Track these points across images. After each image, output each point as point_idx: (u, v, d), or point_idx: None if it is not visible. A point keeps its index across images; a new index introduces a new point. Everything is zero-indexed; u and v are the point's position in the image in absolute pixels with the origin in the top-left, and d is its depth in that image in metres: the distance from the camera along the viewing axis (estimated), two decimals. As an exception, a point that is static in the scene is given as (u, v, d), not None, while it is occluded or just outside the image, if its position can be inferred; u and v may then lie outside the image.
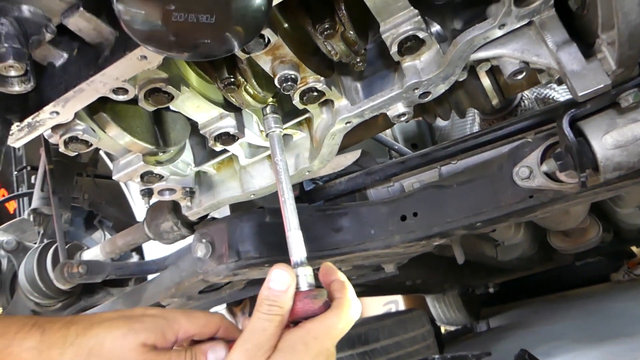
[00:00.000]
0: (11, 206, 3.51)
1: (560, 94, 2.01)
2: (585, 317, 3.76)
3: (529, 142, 1.24)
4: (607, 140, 0.96)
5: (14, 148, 4.43)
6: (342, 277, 0.86)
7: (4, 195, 3.71)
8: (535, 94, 2.01)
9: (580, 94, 0.86)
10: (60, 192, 1.93)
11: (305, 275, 0.83)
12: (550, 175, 1.16)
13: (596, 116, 0.97)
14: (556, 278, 5.19)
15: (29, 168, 4.26)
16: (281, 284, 0.76)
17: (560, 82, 1.03)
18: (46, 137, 1.03)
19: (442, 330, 4.44)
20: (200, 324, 0.82)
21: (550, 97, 1.99)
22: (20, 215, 2.83)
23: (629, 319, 3.26)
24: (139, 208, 2.85)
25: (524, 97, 1.93)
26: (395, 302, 4.70)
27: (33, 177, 3.26)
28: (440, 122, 2.38)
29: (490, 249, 2.74)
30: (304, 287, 0.82)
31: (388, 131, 2.34)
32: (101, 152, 2.41)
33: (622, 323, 3.19)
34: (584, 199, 1.27)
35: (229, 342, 0.81)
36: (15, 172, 4.36)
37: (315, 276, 0.87)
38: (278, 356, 0.74)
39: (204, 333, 0.83)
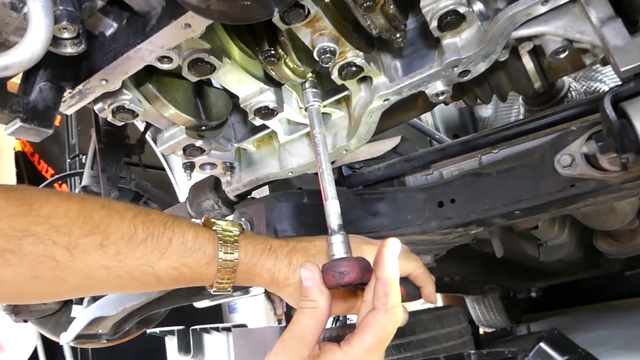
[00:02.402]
0: (63, 189, 3.67)
1: (610, 86, 1.94)
2: (634, 327, 3.60)
3: (573, 130, 1.20)
4: (651, 122, 0.92)
5: (68, 137, 4.64)
6: (387, 274, 0.79)
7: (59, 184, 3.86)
8: (584, 87, 1.95)
9: (622, 69, 0.83)
10: (109, 172, 2.00)
11: (342, 243, 0.86)
12: (593, 163, 1.13)
13: (641, 96, 0.94)
14: (603, 287, 5.00)
15: (81, 156, 4.45)
16: (307, 280, 0.82)
17: (604, 62, 1.01)
18: (96, 112, 1.08)
19: (481, 331, 4.35)
20: None
21: (600, 90, 1.92)
22: (71, 197, 2.96)
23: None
24: (183, 193, 2.93)
25: (571, 88, 1.87)
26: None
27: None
28: (483, 113, 2.34)
29: (532, 249, 2.67)
30: (339, 254, 0.85)
31: (430, 121, 2.33)
32: (148, 137, 2.49)
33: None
34: (629, 191, 1.22)
35: None
36: (69, 160, 4.57)
37: None
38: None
39: None
